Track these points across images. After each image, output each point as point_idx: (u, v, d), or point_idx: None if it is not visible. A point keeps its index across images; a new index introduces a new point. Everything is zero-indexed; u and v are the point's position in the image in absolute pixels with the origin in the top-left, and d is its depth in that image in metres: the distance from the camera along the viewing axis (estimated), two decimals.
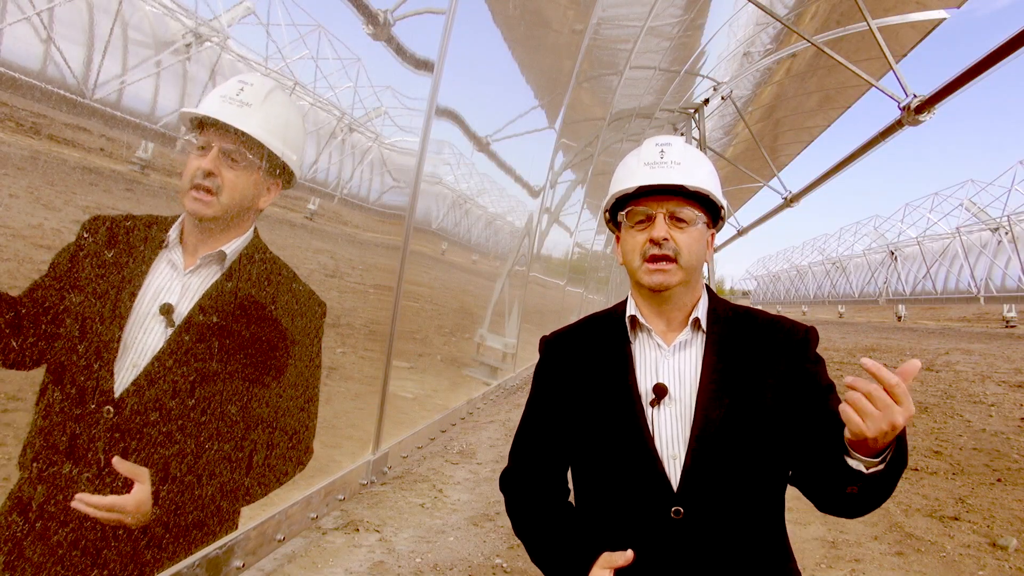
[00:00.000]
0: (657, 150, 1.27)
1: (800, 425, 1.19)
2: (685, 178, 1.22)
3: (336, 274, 3.62)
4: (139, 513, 1.33)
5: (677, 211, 1.24)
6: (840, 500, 1.11)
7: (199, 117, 1.43)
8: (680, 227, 1.24)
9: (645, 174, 1.24)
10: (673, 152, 1.26)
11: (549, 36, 6.62)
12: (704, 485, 1.16)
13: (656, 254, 1.22)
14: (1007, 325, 22.29)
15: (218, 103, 1.42)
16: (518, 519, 1.36)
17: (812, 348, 1.26)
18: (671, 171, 1.23)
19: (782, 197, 11.82)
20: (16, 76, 1.72)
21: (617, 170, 1.35)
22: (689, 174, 1.24)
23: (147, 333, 1.37)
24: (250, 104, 1.43)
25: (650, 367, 1.26)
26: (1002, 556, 3.63)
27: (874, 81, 5.58)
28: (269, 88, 1.49)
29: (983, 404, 8.14)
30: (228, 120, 1.40)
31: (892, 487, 1.06)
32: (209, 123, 1.42)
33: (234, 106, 1.42)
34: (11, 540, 1.30)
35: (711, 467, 1.16)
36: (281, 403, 1.50)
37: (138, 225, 1.45)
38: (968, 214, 25.24)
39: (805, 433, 1.18)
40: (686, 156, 1.26)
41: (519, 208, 8.20)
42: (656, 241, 1.22)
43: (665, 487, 1.16)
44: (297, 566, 2.98)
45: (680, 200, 1.24)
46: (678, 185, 1.22)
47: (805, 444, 1.18)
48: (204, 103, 1.44)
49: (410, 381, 5.20)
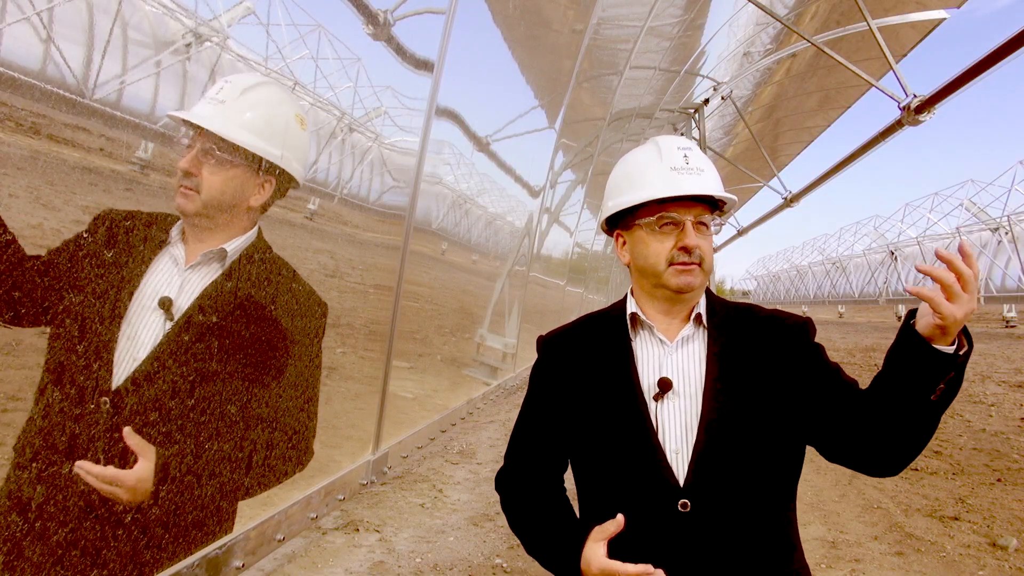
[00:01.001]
0: (680, 154, 1.27)
1: (815, 400, 1.21)
2: (714, 187, 1.26)
3: (336, 274, 3.62)
4: (136, 490, 1.31)
5: (703, 217, 1.27)
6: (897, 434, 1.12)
7: (178, 118, 1.45)
8: (702, 232, 1.27)
9: (675, 180, 1.25)
10: (695, 158, 1.28)
11: (549, 36, 6.62)
12: (712, 478, 1.16)
13: (686, 261, 1.24)
14: (1007, 325, 22.28)
15: (200, 104, 1.44)
16: (513, 515, 1.36)
17: (811, 336, 1.28)
18: (700, 179, 1.25)
19: (782, 197, 11.82)
20: (16, 76, 1.72)
21: (626, 170, 1.33)
22: (715, 182, 1.27)
23: (146, 327, 1.38)
24: (223, 101, 1.43)
25: (653, 363, 1.27)
26: (1002, 556, 3.63)
27: (874, 81, 5.58)
28: (249, 84, 1.47)
29: (983, 404, 8.14)
30: (197, 120, 1.40)
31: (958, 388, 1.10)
32: (195, 124, 1.43)
33: (211, 105, 1.43)
34: (10, 540, 1.30)
35: (719, 460, 1.17)
36: (281, 402, 1.50)
37: (142, 221, 1.46)
38: (968, 214, 25.23)
39: (824, 403, 1.20)
40: (705, 162, 1.30)
41: (519, 208, 8.20)
42: (688, 249, 1.24)
43: (671, 481, 1.17)
44: (297, 566, 2.98)
45: (705, 207, 1.27)
46: (710, 195, 1.25)
47: (827, 412, 1.20)
48: (194, 105, 1.46)
49: (410, 381, 5.20)
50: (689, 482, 1.16)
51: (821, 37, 9.32)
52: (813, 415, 1.21)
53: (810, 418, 1.21)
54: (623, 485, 1.22)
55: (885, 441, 1.13)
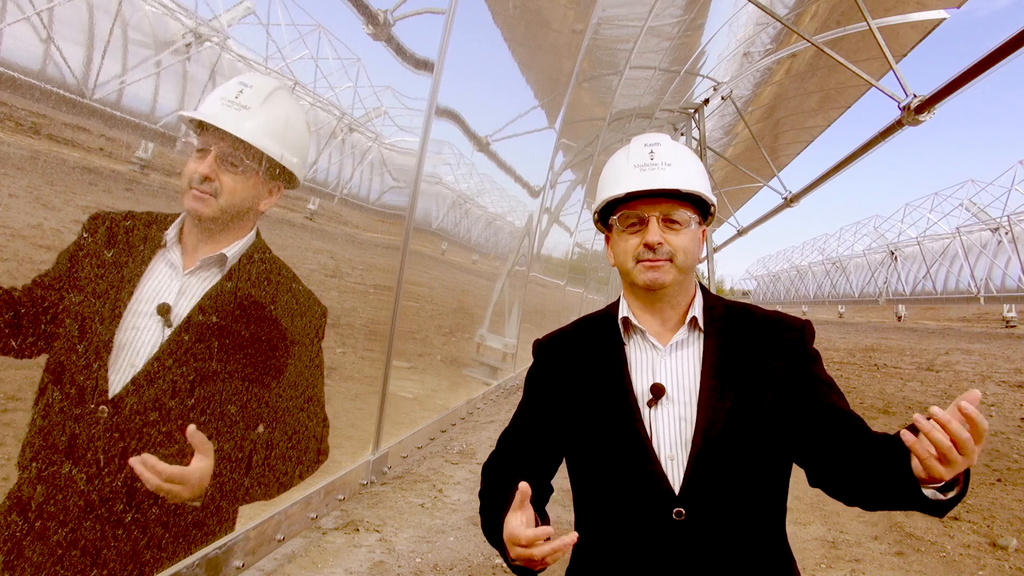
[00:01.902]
0: (646, 151, 1.24)
1: (804, 421, 1.19)
2: (677, 180, 1.20)
3: (336, 274, 3.62)
4: (197, 488, 1.32)
5: (671, 213, 1.22)
6: (867, 496, 1.10)
7: (198, 120, 1.41)
8: (674, 229, 1.23)
9: (636, 178, 1.22)
10: (663, 152, 1.24)
11: (549, 36, 6.62)
12: (707, 486, 1.15)
13: (651, 258, 1.21)
14: (1007, 325, 22.29)
15: (217, 106, 1.41)
16: (482, 499, 1.33)
17: (809, 343, 1.25)
18: (663, 173, 1.21)
19: (782, 197, 11.82)
20: (16, 76, 1.72)
21: (605, 171, 1.32)
22: (681, 175, 1.22)
23: (143, 333, 1.37)
24: (248, 107, 1.41)
25: (646, 368, 1.25)
26: (1002, 556, 3.63)
27: (874, 81, 5.57)
28: (270, 90, 1.46)
29: (983, 404, 8.13)
30: (226, 126, 1.38)
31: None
32: (208, 126, 1.40)
33: (233, 109, 1.40)
34: (10, 540, 1.30)
35: (714, 468, 1.15)
36: (281, 404, 1.50)
37: (137, 224, 1.44)
38: (968, 214, 25.25)
39: (811, 428, 1.18)
40: (676, 155, 1.24)
41: (519, 208, 8.20)
42: (651, 245, 1.21)
43: (666, 489, 1.15)
44: (297, 566, 2.98)
45: (673, 202, 1.23)
46: (672, 189, 1.20)
47: (813, 438, 1.17)
48: (203, 105, 1.43)
49: (410, 381, 5.20)
50: (684, 490, 1.15)
51: (821, 37, 9.32)
52: (799, 440, 1.19)
53: (796, 440, 1.19)
54: (617, 493, 1.20)
55: (866, 502, 1.12)
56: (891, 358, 13.68)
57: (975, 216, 24.65)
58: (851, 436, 1.12)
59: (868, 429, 1.14)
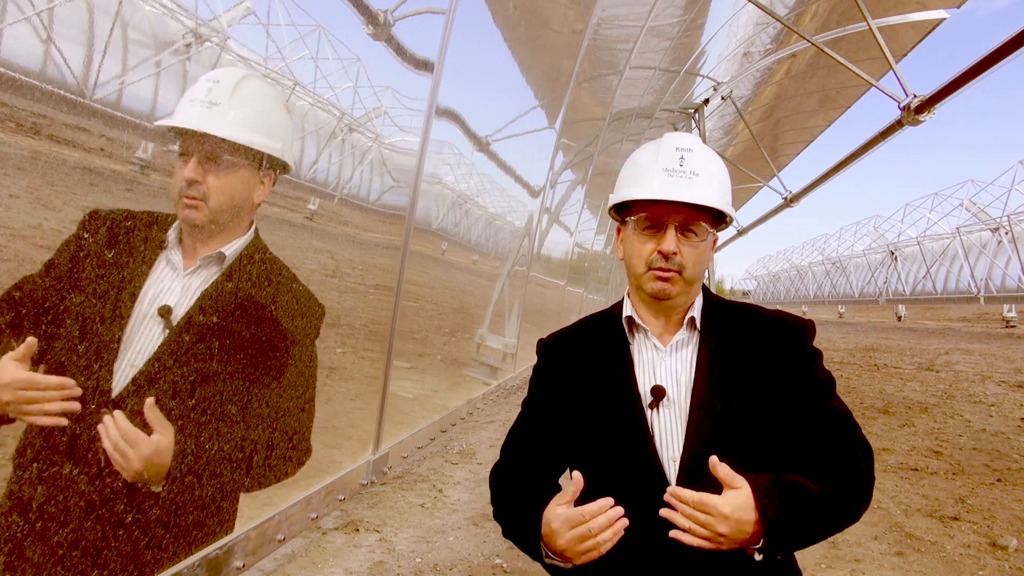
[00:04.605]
0: (677, 156, 1.22)
1: (790, 425, 1.19)
2: (703, 195, 1.18)
3: (336, 274, 3.62)
4: (149, 461, 1.28)
5: (689, 224, 1.21)
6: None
7: (171, 127, 1.39)
8: (689, 240, 1.21)
9: (662, 183, 1.20)
10: (693, 160, 1.21)
11: (549, 36, 6.62)
12: (701, 486, 1.15)
13: (663, 267, 1.20)
14: (1007, 325, 22.29)
15: (187, 108, 1.38)
16: (497, 503, 1.33)
17: (809, 343, 1.25)
18: (690, 184, 1.19)
19: (782, 197, 11.81)
20: (16, 76, 1.72)
21: (630, 164, 1.30)
22: (707, 189, 1.20)
23: (145, 334, 1.37)
24: (218, 103, 1.38)
25: (648, 368, 1.26)
26: (1002, 556, 3.63)
27: (874, 81, 5.57)
28: (237, 80, 1.42)
29: (983, 404, 8.14)
30: (197, 126, 1.35)
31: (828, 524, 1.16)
32: (185, 130, 1.38)
33: (204, 108, 1.37)
34: (11, 540, 1.30)
35: (706, 467, 1.15)
36: (280, 403, 1.50)
37: (138, 224, 1.44)
38: (968, 214, 25.25)
39: (793, 433, 1.19)
40: (706, 165, 1.22)
41: (519, 208, 8.19)
42: (665, 254, 1.20)
43: (665, 489, 1.16)
44: (297, 566, 2.98)
45: (693, 214, 1.21)
46: (696, 204, 1.18)
47: (791, 444, 1.19)
48: (176, 110, 1.40)
49: (410, 381, 5.20)
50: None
51: (821, 37, 9.32)
52: (780, 436, 1.20)
53: (778, 440, 1.20)
54: (620, 492, 1.19)
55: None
56: (891, 358, 13.68)
57: (975, 216, 24.65)
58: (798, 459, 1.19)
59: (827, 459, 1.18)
